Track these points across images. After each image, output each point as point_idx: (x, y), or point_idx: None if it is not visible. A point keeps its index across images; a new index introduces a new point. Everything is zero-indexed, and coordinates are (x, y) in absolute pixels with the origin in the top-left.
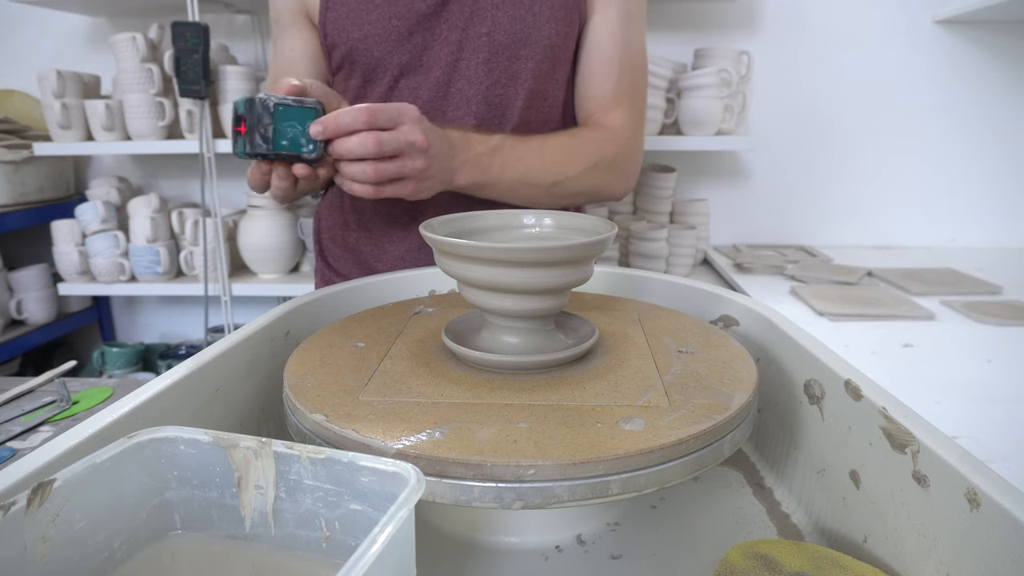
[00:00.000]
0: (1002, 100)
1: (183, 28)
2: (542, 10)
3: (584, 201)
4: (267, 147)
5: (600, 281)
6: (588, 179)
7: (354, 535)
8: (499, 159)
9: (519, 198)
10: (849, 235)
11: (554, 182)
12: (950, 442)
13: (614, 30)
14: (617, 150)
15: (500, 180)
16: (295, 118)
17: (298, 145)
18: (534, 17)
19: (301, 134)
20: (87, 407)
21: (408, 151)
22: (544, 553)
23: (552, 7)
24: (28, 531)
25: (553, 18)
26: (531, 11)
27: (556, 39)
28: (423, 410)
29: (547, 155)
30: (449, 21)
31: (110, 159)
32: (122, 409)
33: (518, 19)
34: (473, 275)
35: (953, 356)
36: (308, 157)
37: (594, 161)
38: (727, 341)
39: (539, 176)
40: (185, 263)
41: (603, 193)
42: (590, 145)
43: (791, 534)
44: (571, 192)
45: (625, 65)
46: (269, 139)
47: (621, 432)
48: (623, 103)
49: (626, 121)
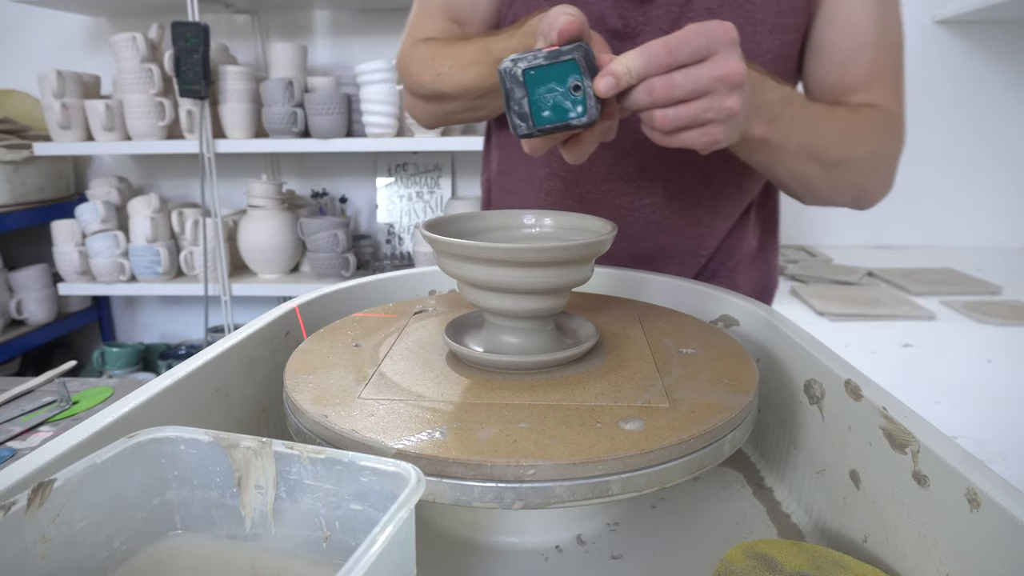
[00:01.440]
0: (1002, 100)
1: (183, 28)
2: (766, 17)
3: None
4: (528, 126)
5: (600, 281)
6: (867, 167)
7: (354, 535)
8: (790, 113)
9: (795, 176)
10: (849, 235)
11: (837, 160)
12: (950, 442)
13: (870, 9)
14: (897, 139)
15: (787, 142)
16: (554, 78)
17: (563, 112)
18: (755, 27)
19: (565, 96)
20: (87, 407)
21: (716, 88)
22: (544, 553)
23: (779, 12)
24: (28, 531)
25: (779, 26)
26: (752, 20)
27: (779, 50)
28: (423, 410)
29: (835, 124)
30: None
31: (110, 159)
32: (122, 409)
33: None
34: (473, 275)
35: (953, 356)
36: (578, 123)
37: (879, 146)
38: (727, 341)
39: (824, 148)
40: (185, 263)
41: (870, 191)
42: (873, 126)
43: (791, 534)
44: (847, 180)
45: (884, 45)
46: (527, 115)
47: (621, 432)
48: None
49: (895, 103)
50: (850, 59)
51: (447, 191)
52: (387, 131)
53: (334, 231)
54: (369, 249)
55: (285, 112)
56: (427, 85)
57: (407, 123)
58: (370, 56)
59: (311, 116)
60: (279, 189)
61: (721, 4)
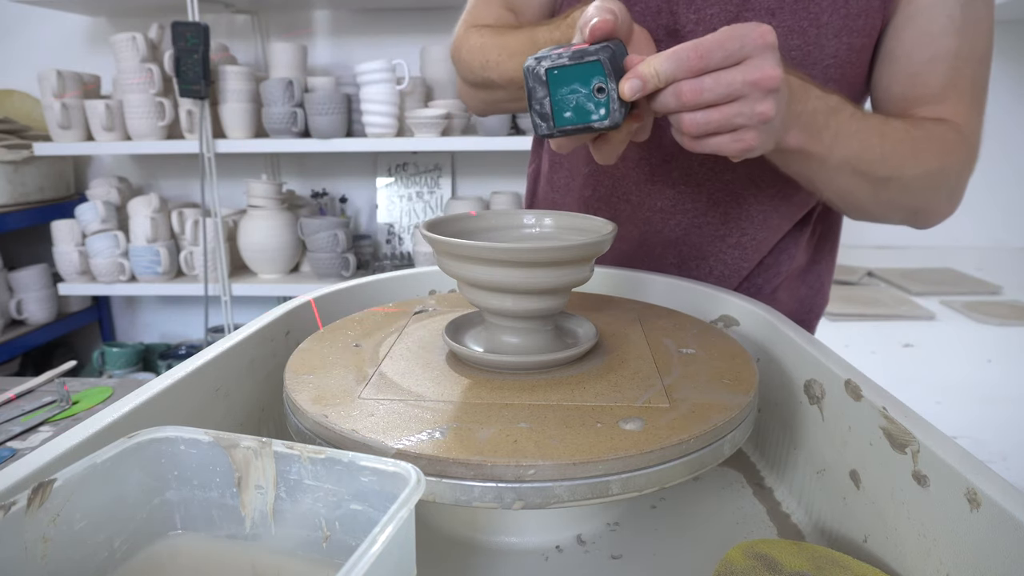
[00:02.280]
0: (1002, 100)
1: (183, 28)
2: (832, 20)
3: (901, 218)
4: (548, 126)
5: (600, 281)
6: (923, 187)
7: (354, 535)
8: (834, 124)
9: (839, 191)
10: (849, 235)
11: (887, 177)
12: (950, 442)
13: (953, 15)
14: (964, 159)
15: (829, 154)
16: (578, 79)
17: (586, 114)
18: (819, 30)
19: (588, 98)
20: (87, 407)
21: (749, 92)
22: (544, 553)
23: (847, 15)
24: (28, 531)
25: (845, 28)
26: (816, 22)
27: (846, 55)
28: (423, 410)
29: (887, 139)
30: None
31: (110, 159)
32: (122, 409)
33: (797, 32)
34: (473, 275)
35: (953, 356)
36: (600, 126)
37: (939, 165)
38: (727, 341)
39: (872, 163)
40: (185, 263)
41: (929, 212)
42: (935, 144)
43: (791, 534)
44: (898, 200)
45: (965, 58)
46: (548, 115)
47: (621, 432)
48: (964, 99)
49: (971, 119)
50: (923, 70)
51: (447, 191)
52: (387, 131)
53: (334, 231)
54: (369, 249)
55: (285, 112)
56: (476, 72)
57: (407, 123)
58: (370, 56)
59: (311, 116)
60: (279, 189)
61: (781, 5)
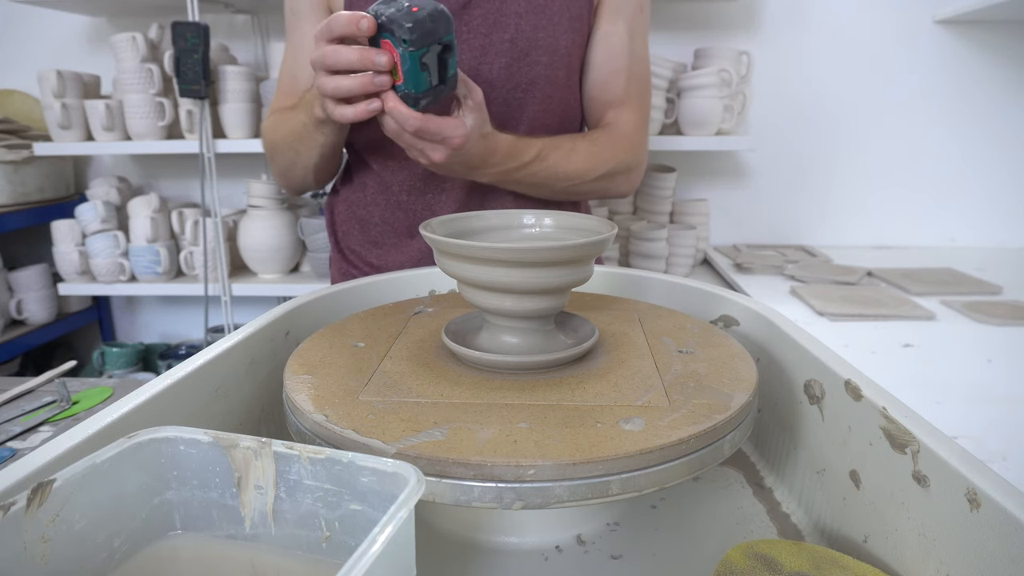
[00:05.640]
0: (1002, 100)
1: (183, 28)
2: (561, 19)
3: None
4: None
5: (600, 281)
6: (601, 183)
7: (354, 535)
8: (527, 171)
9: (533, 192)
10: (849, 235)
11: (571, 185)
12: (950, 442)
13: (624, 41)
14: (629, 155)
15: (519, 183)
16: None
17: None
18: (554, 26)
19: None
20: (87, 407)
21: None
22: (544, 553)
23: (570, 17)
24: (28, 531)
25: (571, 28)
26: (551, 20)
27: (571, 47)
28: (423, 410)
29: (572, 163)
30: (471, 25)
31: (110, 159)
32: (122, 409)
33: (539, 27)
34: (473, 275)
35: (953, 356)
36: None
37: (611, 167)
38: (727, 341)
39: (559, 180)
40: (185, 263)
41: (611, 193)
42: (607, 151)
43: (791, 534)
44: (582, 192)
45: (634, 73)
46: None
47: (621, 432)
48: (634, 107)
49: (636, 124)
50: (610, 79)
51: None
52: None
53: None
54: None
55: None
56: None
57: None
58: None
59: None
60: (279, 189)
61: (529, 8)
